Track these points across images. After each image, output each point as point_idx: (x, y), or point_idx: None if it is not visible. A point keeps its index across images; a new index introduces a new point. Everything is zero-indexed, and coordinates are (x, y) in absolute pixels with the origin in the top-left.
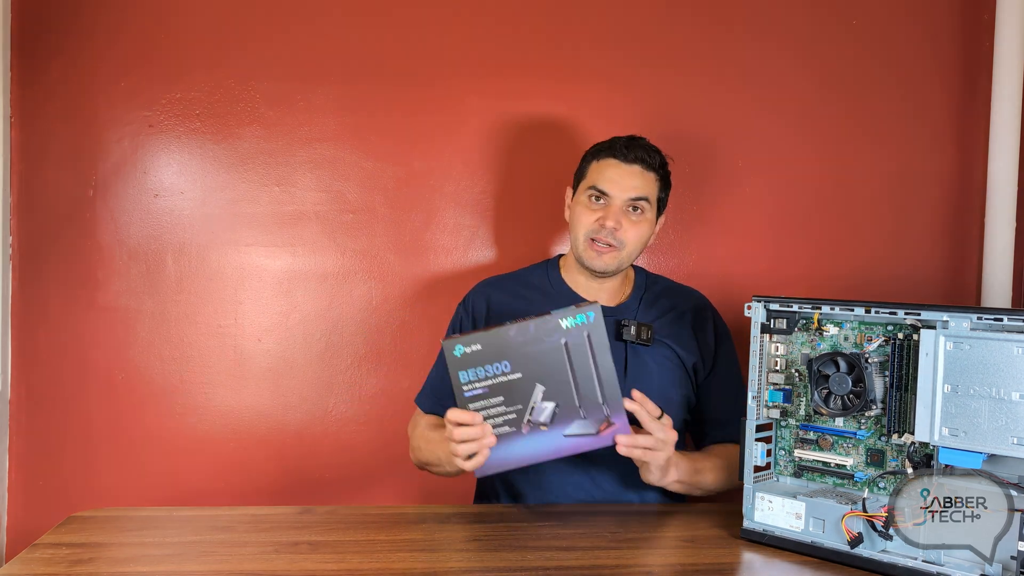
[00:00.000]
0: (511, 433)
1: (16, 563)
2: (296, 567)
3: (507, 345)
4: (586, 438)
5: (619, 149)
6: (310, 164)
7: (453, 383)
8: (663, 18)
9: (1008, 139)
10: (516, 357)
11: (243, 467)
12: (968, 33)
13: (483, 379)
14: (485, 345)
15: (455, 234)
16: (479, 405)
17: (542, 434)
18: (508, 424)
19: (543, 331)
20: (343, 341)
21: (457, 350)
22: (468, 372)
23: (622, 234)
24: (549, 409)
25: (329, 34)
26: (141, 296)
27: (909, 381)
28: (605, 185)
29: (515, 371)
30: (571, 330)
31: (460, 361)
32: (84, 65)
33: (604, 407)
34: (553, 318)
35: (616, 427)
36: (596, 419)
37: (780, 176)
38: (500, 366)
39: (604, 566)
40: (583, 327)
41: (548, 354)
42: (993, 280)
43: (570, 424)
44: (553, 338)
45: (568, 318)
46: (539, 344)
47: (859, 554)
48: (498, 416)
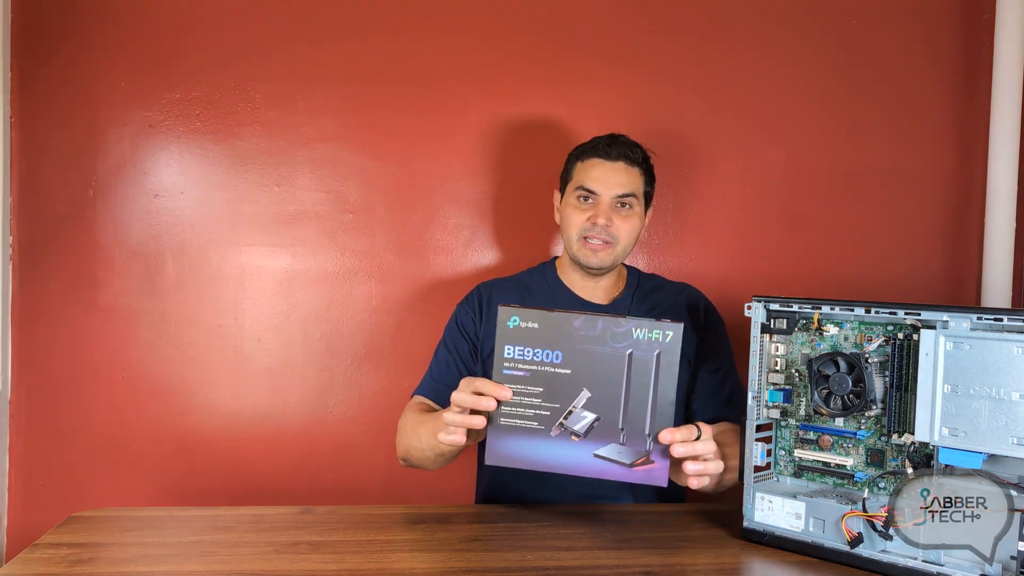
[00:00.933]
0: (538, 431)
1: (16, 563)
2: (296, 567)
3: (567, 335)
4: (616, 467)
5: (601, 148)
6: (310, 164)
7: (496, 355)
8: (661, 21)
9: (1008, 139)
10: (571, 351)
11: (243, 467)
12: (968, 33)
13: (528, 362)
14: (543, 326)
15: (455, 234)
16: (515, 389)
17: (570, 444)
18: (539, 420)
19: (610, 333)
20: (343, 341)
21: (512, 320)
22: (515, 349)
23: (614, 230)
24: (588, 420)
25: (329, 34)
26: (141, 296)
27: (909, 381)
28: (592, 184)
29: (566, 366)
30: (641, 343)
31: (511, 333)
32: (84, 65)
33: (648, 441)
34: (627, 323)
35: (654, 467)
36: (635, 450)
37: (780, 176)
38: (551, 355)
39: (604, 566)
40: (656, 344)
41: (607, 360)
42: (993, 280)
43: (604, 445)
44: (619, 344)
45: (643, 329)
46: (601, 345)
47: (859, 554)
48: (531, 408)
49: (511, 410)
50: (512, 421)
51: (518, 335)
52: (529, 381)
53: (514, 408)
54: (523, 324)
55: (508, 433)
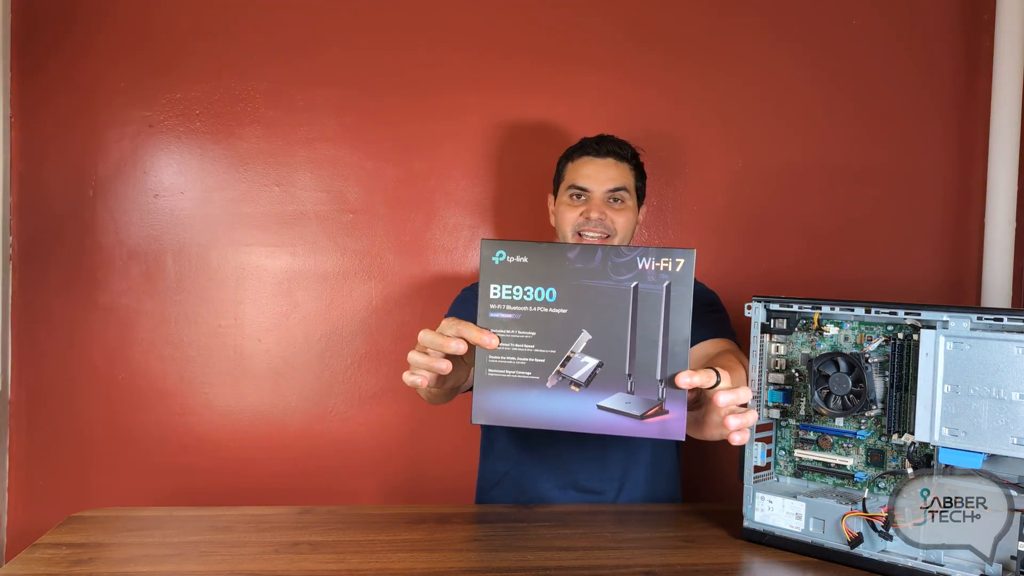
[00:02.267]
0: (531, 381)
1: (16, 563)
2: (296, 567)
3: (561, 268)
4: (624, 420)
5: (590, 146)
6: (310, 164)
7: (480, 296)
8: (661, 18)
9: (1008, 139)
10: (568, 288)
11: (243, 467)
12: (968, 33)
13: (518, 302)
14: (533, 260)
15: (455, 234)
16: (503, 334)
17: (570, 395)
18: (532, 369)
19: (611, 264)
20: (343, 341)
21: (497, 256)
22: (502, 288)
23: (609, 222)
24: (590, 366)
25: (329, 34)
26: (141, 296)
27: (909, 381)
28: (583, 181)
29: (561, 304)
30: (648, 274)
31: (496, 270)
32: (84, 65)
33: (661, 386)
34: (631, 252)
35: (669, 418)
36: (645, 399)
37: (780, 176)
38: (544, 292)
39: (604, 566)
40: (664, 274)
41: (610, 295)
42: (993, 280)
43: (610, 395)
44: (622, 277)
45: (649, 259)
46: (602, 279)
47: (859, 554)
48: (522, 356)
49: (500, 359)
50: (501, 372)
51: (505, 272)
52: (519, 324)
53: (503, 357)
54: (510, 259)
55: (497, 386)
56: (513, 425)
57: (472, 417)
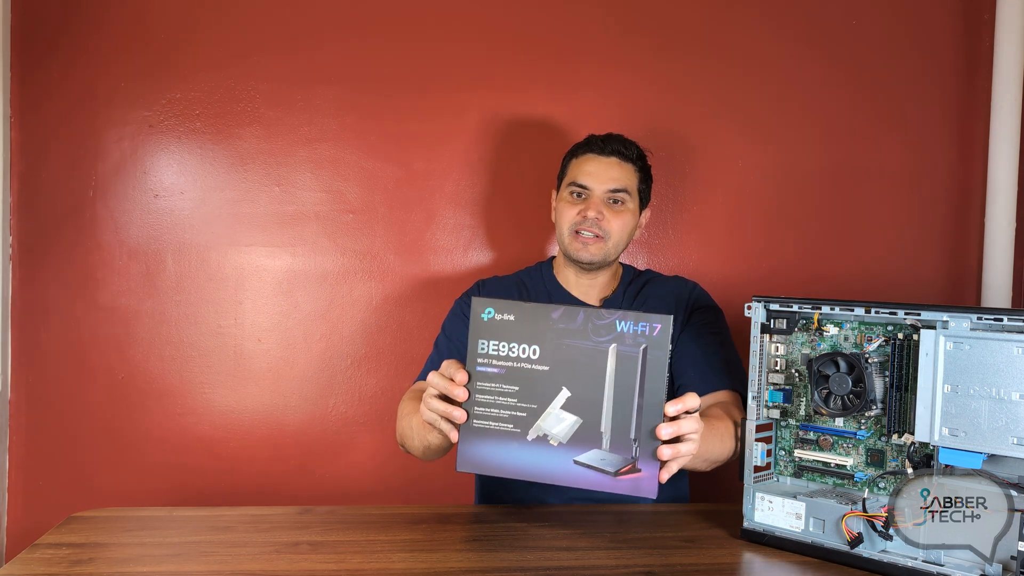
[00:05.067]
0: (513, 433)
1: (16, 563)
2: (296, 567)
3: (545, 328)
4: (598, 475)
5: (596, 144)
6: (310, 164)
7: (469, 351)
8: (661, 13)
9: (1008, 139)
10: (550, 346)
11: (243, 467)
12: (968, 32)
13: (503, 358)
14: (520, 319)
15: (455, 234)
16: (488, 387)
17: (549, 449)
18: (514, 422)
19: (592, 326)
20: (343, 341)
21: (487, 313)
22: (488, 344)
23: (605, 224)
24: (568, 423)
25: (329, 34)
26: (141, 296)
27: (909, 381)
28: (584, 179)
29: (543, 362)
30: (626, 337)
31: (485, 327)
32: (84, 65)
33: (635, 446)
34: (610, 315)
35: (641, 476)
36: (620, 457)
37: (780, 176)
38: (528, 349)
39: (604, 566)
40: (642, 338)
41: (589, 356)
42: (993, 280)
43: (586, 450)
44: (602, 338)
45: (627, 322)
46: (582, 340)
47: (859, 554)
48: (505, 409)
49: (484, 411)
50: (485, 423)
51: (493, 328)
52: (504, 379)
53: (488, 408)
54: (498, 316)
55: (480, 436)
56: (494, 475)
57: (456, 465)
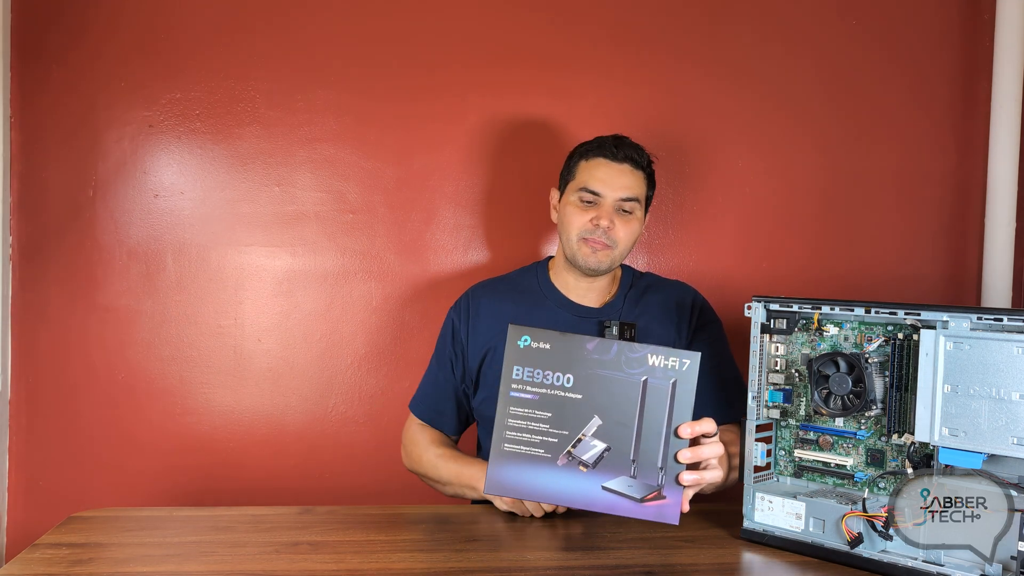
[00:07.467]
0: (543, 458)
1: (16, 563)
2: (296, 567)
3: (579, 358)
4: (625, 501)
5: (608, 148)
6: (310, 164)
7: (503, 375)
8: (661, 17)
9: (1008, 139)
10: (584, 376)
11: (243, 467)
12: (968, 33)
13: (537, 384)
14: (555, 348)
15: (455, 234)
16: (521, 412)
17: (578, 474)
18: (545, 447)
19: (625, 358)
20: (343, 341)
21: (523, 340)
22: (524, 370)
23: (615, 233)
24: (598, 450)
25: (329, 34)
26: (141, 296)
27: (909, 381)
28: (596, 185)
29: (576, 390)
30: (657, 371)
31: (520, 354)
32: (84, 65)
33: (661, 474)
34: (643, 349)
35: (665, 503)
36: (646, 484)
37: (780, 176)
38: (563, 377)
39: (604, 566)
40: (672, 373)
41: (621, 386)
42: (993, 280)
43: (614, 477)
44: (634, 371)
45: (659, 357)
46: (615, 371)
47: (859, 554)
48: (537, 435)
49: (515, 435)
50: (516, 447)
51: (528, 356)
52: (537, 405)
53: (519, 433)
54: (534, 344)
55: (510, 460)
56: (523, 498)
57: (484, 487)
